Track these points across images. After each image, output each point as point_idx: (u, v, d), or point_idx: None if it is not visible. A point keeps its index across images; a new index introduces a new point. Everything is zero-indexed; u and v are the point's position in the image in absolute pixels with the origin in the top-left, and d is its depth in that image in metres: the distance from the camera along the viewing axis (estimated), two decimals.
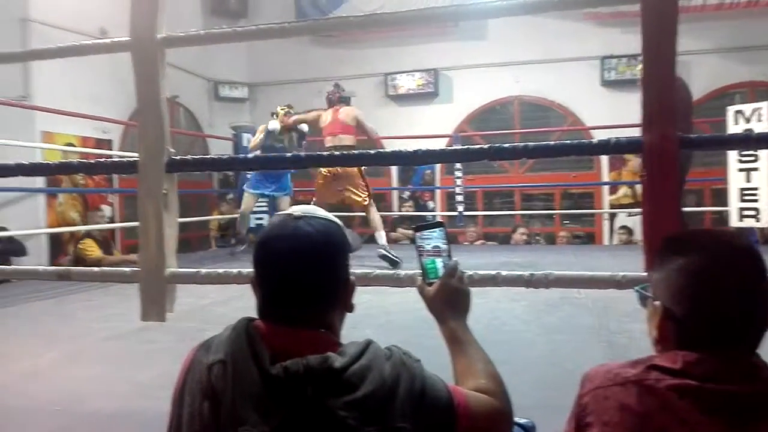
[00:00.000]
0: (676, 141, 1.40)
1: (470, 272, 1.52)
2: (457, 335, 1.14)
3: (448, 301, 1.17)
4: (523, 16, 7.48)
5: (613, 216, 8.13)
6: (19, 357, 2.83)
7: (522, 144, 1.51)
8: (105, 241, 6.34)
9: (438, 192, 8.68)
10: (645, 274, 1.44)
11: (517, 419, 1.13)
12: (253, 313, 1.01)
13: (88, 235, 6.12)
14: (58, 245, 6.09)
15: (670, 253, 0.99)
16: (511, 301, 3.69)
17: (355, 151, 1.59)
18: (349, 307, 1.07)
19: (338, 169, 5.21)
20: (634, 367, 0.96)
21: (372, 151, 1.58)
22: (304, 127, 6.05)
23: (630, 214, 7.87)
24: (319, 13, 8.86)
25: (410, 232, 8.06)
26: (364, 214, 5.59)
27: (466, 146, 1.65)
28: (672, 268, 0.97)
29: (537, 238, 8.15)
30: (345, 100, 5.70)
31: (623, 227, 7.88)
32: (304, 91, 8.82)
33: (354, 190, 5.31)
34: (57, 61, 4.99)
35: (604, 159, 7.89)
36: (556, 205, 8.52)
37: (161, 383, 2.25)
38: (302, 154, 1.50)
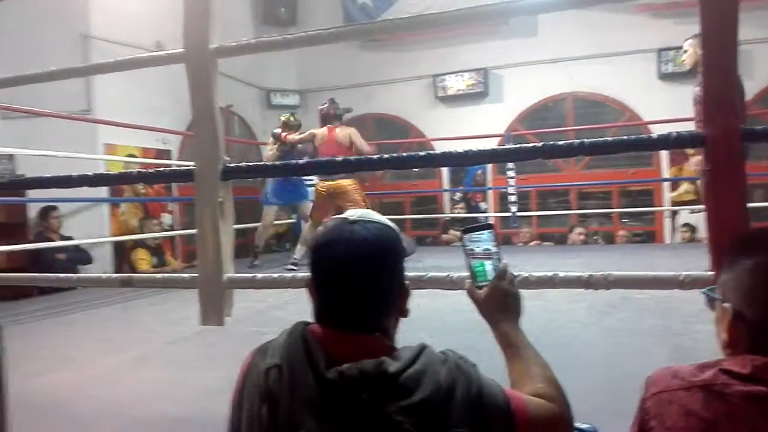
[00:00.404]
0: (740, 133, 1.34)
1: (525, 274, 1.49)
2: (512, 339, 1.12)
3: (500, 304, 1.15)
4: (574, 10, 7.47)
5: (674, 213, 7.85)
6: (87, 361, 2.96)
7: (578, 141, 1.47)
8: (158, 249, 6.54)
9: (490, 193, 8.58)
10: (710, 273, 1.38)
11: (577, 424, 1.10)
12: (308, 317, 1.02)
13: (141, 245, 6.31)
14: (121, 253, 6.31)
15: (740, 253, 0.94)
16: (569, 303, 3.61)
17: (405, 154, 1.58)
18: (404, 312, 1.06)
19: (332, 186, 5.47)
20: (701, 371, 0.92)
21: (422, 153, 1.57)
22: (302, 148, 6.12)
23: (692, 211, 7.58)
24: (367, 17, 8.91)
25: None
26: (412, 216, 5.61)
27: (518, 145, 1.62)
28: (742, 268, 0.92)
29: (595, 237, 7.95)
30: (338, 117, 5.72)
31: (686, 225, 7.60)
32: (353, 96, 8.86)
33: (349, 204, 5.33)
34: (117, 76, 5.18)
35: (664, 154, 7.63)
36: (613, 203, 8.27)
37: (222, 387, 2.29)
38: (352, 158, 1.51)
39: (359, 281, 0.99)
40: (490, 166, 8.44)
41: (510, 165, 7.16)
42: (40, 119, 5.52)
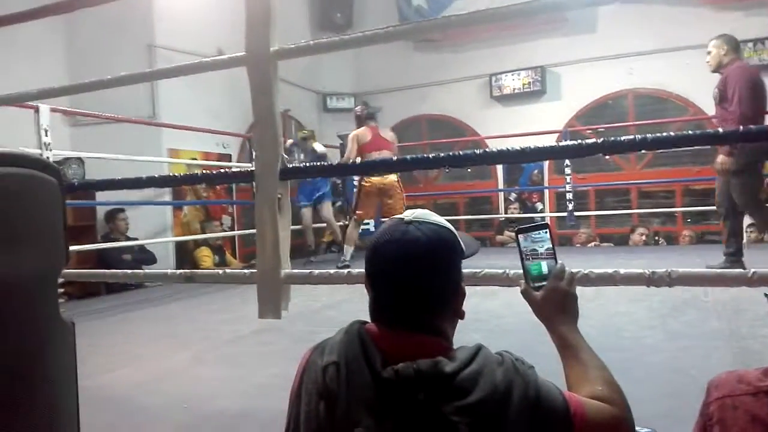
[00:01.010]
0: None
1: (585, 271, 1.46)
2: (569, 340, 1.10)
3: (558, 305, 1.14)
4: (634, 5, 7.26)
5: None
6: (152, 358, 3.07)
7: (639, 136, 1.43)
8: (220, 248, 6.74)
9: (546, 192, 8.43)
10: None
11: (638, 428, 1.07)
12: (361, 316, 1.03)
13: (204, 244, 6.53)
14: (183, 254, 6.53)
15: None
16: (630, 303, 3.51)
17: (461, 152, 1.57)
18: (460, 314, 1.06)
19: (383, 183, 5.65)
20: (767, 375, 0.88)
21: (478, 151, 1.56)
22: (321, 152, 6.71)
23: None
24: (421, 18, 8.92)
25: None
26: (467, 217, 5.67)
27: (578, 141, 1.58)
28: None
29: (656, 238, 7.69)
30: (372, 117, 5.94)
31: (752, 225, 7.27)
32: (408, 97, 8.92)
33: (393, 202, 5.63)
34: (180, 83, 5.39)
35: None
36: (677, 202, 7.98)
37: (278, 383, 2.34)
38: (408, 157, 1.51)
39: (412, 281, 1.00)
40: (546, 165, 8.30)
41: (567, 163, 7.01)
42: (107, 127, 5.79)
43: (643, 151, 4.41)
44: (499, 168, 8.54)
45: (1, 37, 2.45)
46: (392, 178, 5.68)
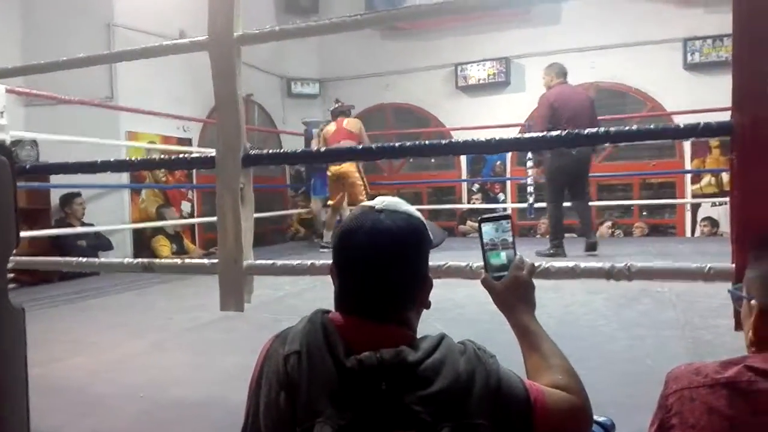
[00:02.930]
0: None
1: (546, 264, 1.48)
2: (529, 329, 1.12)
3: (518, 294, 1.15)
4: None
5: (696, 207, 7.74)
6: (107, 346, 3.00)
7: (603, 129, 1.45)
8: (177, 236, 6.60)
9: (509, 183, 8.53)
10: (732, 265, 1.36)
11: (596, 417, 1.10)
12: (325, 305, 1.02)
13: (161, 231, 6.39)
14: (140, 240, 6.38)
15: (767, 249, 0.93)
16: (588, 294, 3.58)
17: (426, 142, 1.57)
18: (426, 304, 1.06)
19: (338, 171, 6.15)
20: (725, 368, 0.90)
21: (444, 141, 1.56)
22: None
23: (714, 204, 7.48)
24: (389, 6, 8.86)
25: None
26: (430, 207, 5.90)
27: (541, 133, 1.60)
28: None
29: (614, 230, 7.85)
30: (344, 113, 6.39)
31: (707, 219, 7.50)
32: (373, 85, 8.88)
33: (353, 189, 6.10)
34: (139, 64, 5.20)
35: (687, 146, 7.53)
36: (634, 195, 8.16)
37: (239, 372, 2.31)
38: (373, 146, 1.50)
39: (380, 271, 0.99)
40: (509, 157, 8.38)
41: (529, 155, 7.09)
42: (63, 106, 5.60)
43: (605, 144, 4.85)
44: (463, 159, 8.59)
45: None
46: (347, 165, 6.02)
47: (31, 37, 5.99)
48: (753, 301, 0.93)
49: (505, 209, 8.41)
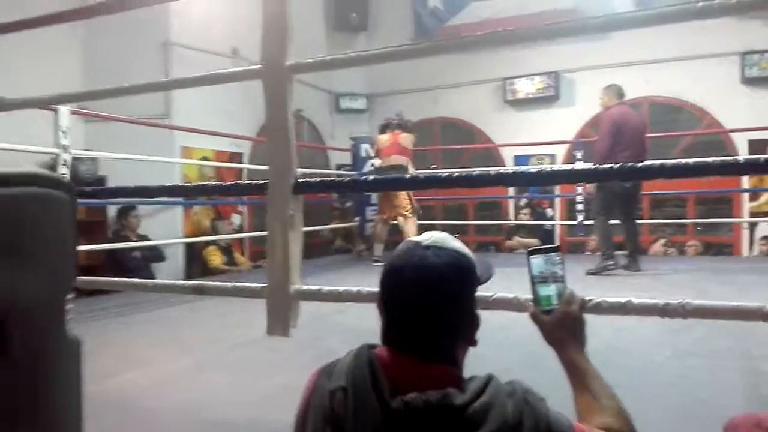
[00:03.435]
0: None
1: (598, 299, 1.45)
2: (579, 367, 1.10)
3: (568, 330, 1.14)
4: (651, 11, 7.18)
5: (753, 225, 7.45)
6: (156, 362, 3.07)
7: (658, 162, 1.42)
8: (228, 248, 6.76)
9: (557, 199, 8.39)
10: None
11: None
12: (369, 321, 1.02)
13: (214, 242, 6.55)
14: (193, 251, 6.54)
15: None
16: (638, 319, 3.46)
17: (475, 171, 1.57)
18: (473, 342, 1.05)
19: None
20: None
21: (493, 172, 1.55)
22: None
23: None
24: (437, 22, 8.90)
25: (527, 240, 7.85)
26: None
27: (594, 166, 1.57)
28: None
29: (668, 249, 7.61)
30: (401, 126, 6.31)
31: (765, 237, 7.21)
32: (420, 100, 8.90)
33: (400, 207, 6.11)
34: (195, 76, 5.39)
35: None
36: (689, 211, 7.90)
37: (282, 393, 2.35)
38: (421, 175, 1.51)
39: (427, 309, 1.00)
40: None
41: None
42: (122, 123, 5.80)
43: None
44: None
45: (19, 34, 2.46)
46: None
47: (92, 55, 6.25)
48: None
49: (552, 227, 8.27)
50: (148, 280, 2.51)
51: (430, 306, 1.00)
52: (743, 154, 7.18)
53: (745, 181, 7.52)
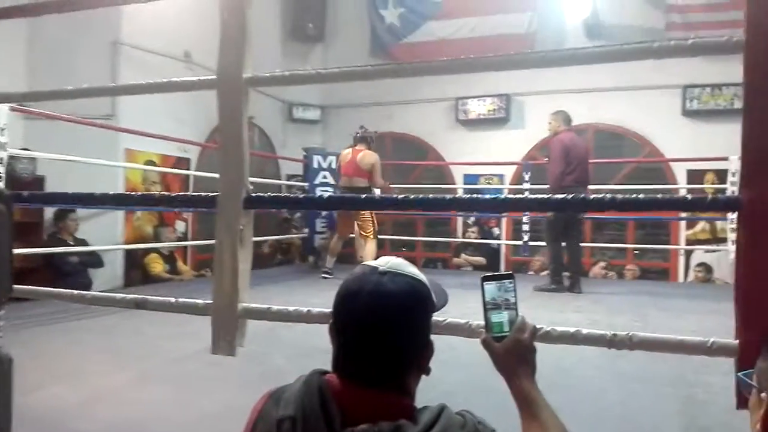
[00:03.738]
0: None
1: (548, 327, 1.46)
2: (529, 396, 1.10)
3: (519, 357, 1.13)
4: (599, 41, 7.45)
5: (689, 252, 7.76)
6: (88, 375, 2.91)
7: (609, 196, 1.44)
8: (171, 255, 6.57)
9: (504, 219, 8.52)
10: (736, 342, 1.35)
11: None
12: (316, 338, 1.00)
13: (156, 249, 6.36)
14: (132, 258, 6.33)
15: None
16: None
17: (430, 196, 1.56)
18: (426, 370, 1.04)
19: None
20: None
21: (448, 197, 1.55)
22: None
23: (709, 251, 7.51)
24: (393, 38, 8.96)
25: (474, 258, 7.94)
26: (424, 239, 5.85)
27: (547, 197, 1.59)
28: None
29: (607, 271, 7.83)
30: (364, 140, 6.24)
31: (701, 264, 7.51)
32: (374, 114, 8.88)
33: (362, 226, 6.09)
34: (142, 82, 5.25)
35: (682, 191, 7.56)
36: (628, 235, 8.15)
37: (223, 413, 2.27)
38: (376, 196, 1.50)
39: (381, 337, 0.98)
40: (505, 191, 8.40)
41: (526, 192, 7.13)
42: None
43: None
44: (460, 190, 8.60)
45: None
46: None
47: (36, 53, 6.01)
48: (763, 394, 0.91)
49: (499, 245, 8.40)
50: (85, 292, 2.39)
51: (384, 334, 0.98)
52: (682, 183, 7.49)
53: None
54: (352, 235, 6.41)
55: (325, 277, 6.07)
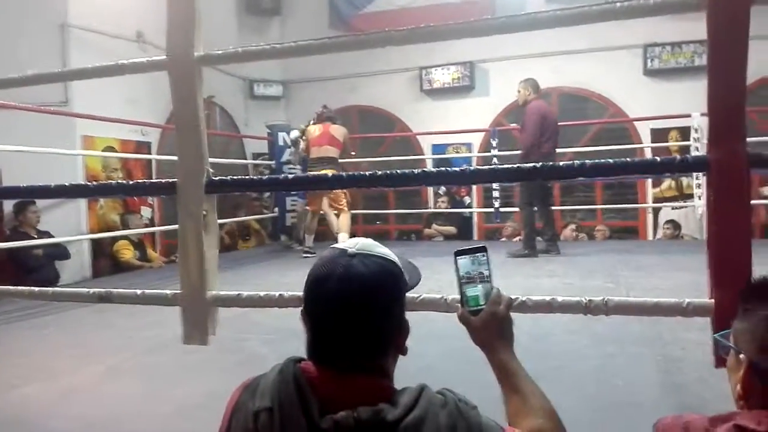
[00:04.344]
0: (746, 159, 1.30)
1: (523, 297, 1.45)
2: (509, 369, 1.09)
3: (496, 330, 1.12)
4: (559, 3, 7.42)
5: (657, 210, 7.90)
6: (59, 372, 2.85)
7: (578, 162, 1.42)
8: (140, 242, 6.45)
9: (474, 187, 8.54)
10: (712, 301, 1.35)
11: None
12: (290, 321, 0.97)
13: (123, 237, 6.23)
14: (99, 247, 6.18)
15: (756, 301, 0.90)
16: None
17: (398, 171, 1.53)
18: (403, 350, 1.02)
19: (319, 176, 6.05)
20: (713, 424, 0.88)
21: (417, 171, 1.51)
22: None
23: (675, 208, 7.65)
24: (353, 9, 8.80)
25: (445, 228, 7.97)
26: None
27: (517, 166, 1.58)
28: (758, 318, 0.88)
29: (578, 233, 7.94)
30: (332, 119, 6.34)
31: (670, 222, 7.65)
32: (337, 88, 8.78)
33: (333, 200, 6.05)
34: (96, 66, 5.06)
35: (647, 150, 7.65)
36: (597, 195, 8.26)
37: (199, 402, 2.24)
38: (343, 174, 1.47)
39: (354, 321, 0.95)
40: (474, 159, 8.41)
41: (495, 159, 7.14)
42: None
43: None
44: (429, 161, 8.58)
45: None
46: (328, 172, 5.81)
47: None
48: (741, 355, 0.91)
49: (470, 213, 8.44)
50: (47, 289, 2.31)
51: (357, 317, 0.95)
52: (646, 142, 7.58)
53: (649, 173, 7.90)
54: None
55: (305, 257, 6.05)
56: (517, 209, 7.96)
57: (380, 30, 1.57)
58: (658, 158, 1.39)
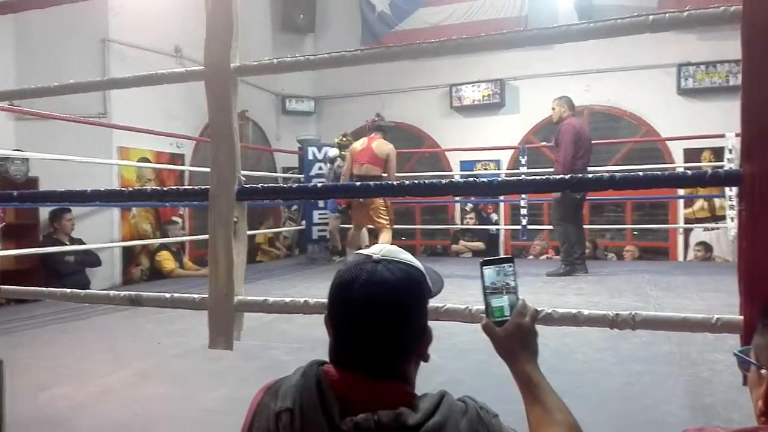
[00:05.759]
0: None
1: (549, 310, 1.44)
2: (532, 380, 1.07)
3: (521, 341, 1.11)
4: (593, 23, 7.38)
5: (688, 231, 7.74)
6: (91, 374, 2.91)
7: (607, 174, 1.41)
8: (177, 252, 6.56)
9: (502, 204, 8.51)
10: (741, 317, 1.33)
11: None
12: (316, 331, 0.98)
13: (164, 247, 6.34)
14: (130, 256, 6.30)
15: None
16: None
17: (426, 181, 1.54)
18: (425, 357, 1.02)
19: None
20: None
21: (444, 182, 1.52)
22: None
23: (707, 229, 7.50)
24: (385, 26, 8.89)
25: (472, 244, 7.93)
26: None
27: (545, 176, 1.58)
28: None
29: (606, 253, 7.82)
30: (380, 129, 5.95)
31: (701, 243, 7.49)
32: (367, 104, 8.83)
33: (375, 216, 5.68)
34: (136, 75, 5.19)
35: (680, 169, 7.53)
36: (627, 216, 8.13)
37: (224, 408, 2.26)
38: (371, 183, 1.49)
39: (378, 326, 0.96)
40: (502, 176, 8.37)
41: (523, 176, 7.10)
42: (55, 120, 5.53)
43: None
44: (457, 176, 8.56)
45: None
46: None
47: (24, 52, 5.93)
48: (763, 370, 0.89)
49: (497, 230, 8.39)
50: (79, 290, 2.37)
51: (380, 322, 0.96)
52: (679, 162, 7.46)
53: (681, 189, 7.79)
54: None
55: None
56: (544, 227, 7.96)
57: (411, 42, 1.59)
58: (689, 171, 1.38)
